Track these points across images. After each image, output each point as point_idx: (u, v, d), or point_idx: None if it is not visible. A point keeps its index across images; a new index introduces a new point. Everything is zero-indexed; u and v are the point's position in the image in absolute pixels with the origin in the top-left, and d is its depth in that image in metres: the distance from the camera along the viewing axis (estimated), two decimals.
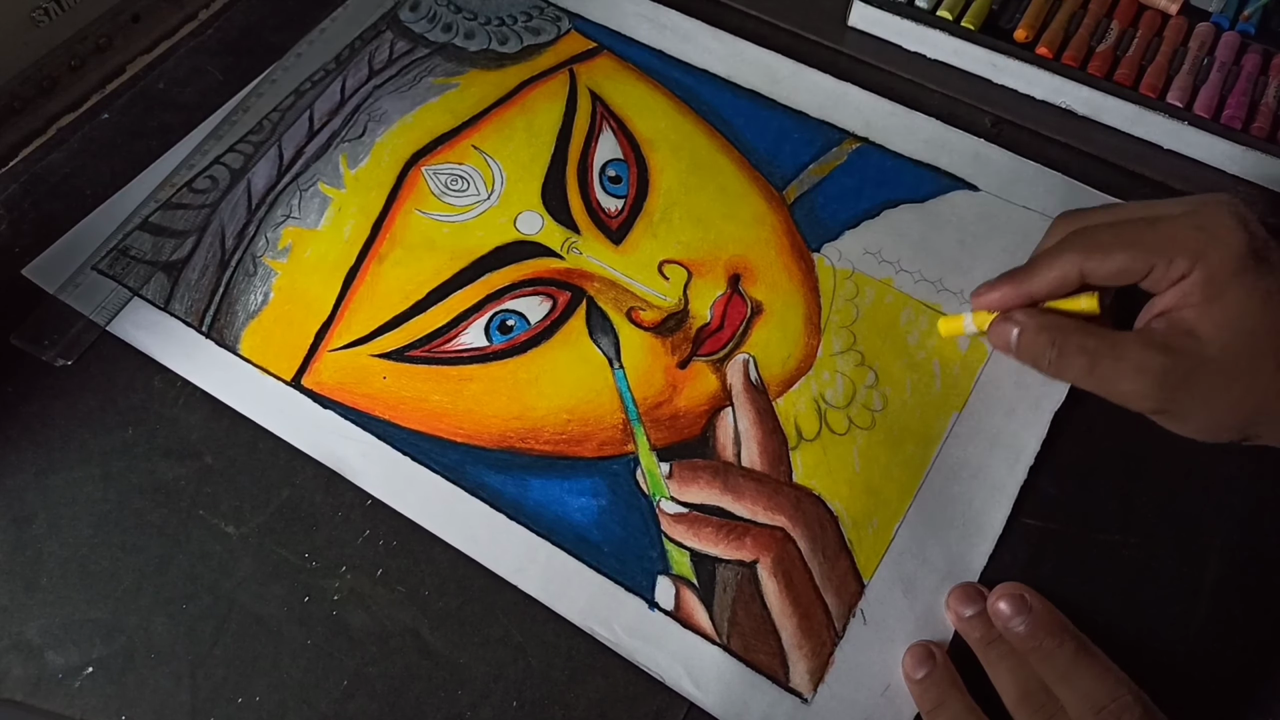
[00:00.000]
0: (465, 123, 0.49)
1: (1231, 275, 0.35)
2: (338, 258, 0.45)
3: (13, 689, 0.35)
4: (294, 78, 0.50)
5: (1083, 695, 0.33)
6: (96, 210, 0.46)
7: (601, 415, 0.41)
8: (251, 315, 0.43)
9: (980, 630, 0.36)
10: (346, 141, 0.48)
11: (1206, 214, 0.36)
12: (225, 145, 0.47)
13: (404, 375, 0.42)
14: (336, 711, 0.35)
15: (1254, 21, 0.51)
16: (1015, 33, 0.51)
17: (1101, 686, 0.33)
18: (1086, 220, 0.39)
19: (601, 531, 0.38)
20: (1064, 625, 0.35)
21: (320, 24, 0.52)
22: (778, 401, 0.42)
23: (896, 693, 0.36)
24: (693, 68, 0.52)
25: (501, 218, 0.46)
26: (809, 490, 0.39)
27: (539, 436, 0.41)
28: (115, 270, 0.44)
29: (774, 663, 0.36)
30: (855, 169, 0.48)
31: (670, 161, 0.48)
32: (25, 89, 0.48)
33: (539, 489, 0.39)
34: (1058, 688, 0.34)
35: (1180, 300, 0.36)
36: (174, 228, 0.45)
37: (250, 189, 0.47)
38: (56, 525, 0.38)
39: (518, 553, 0.38)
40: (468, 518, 0.39)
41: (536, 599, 0.37)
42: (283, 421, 0.41)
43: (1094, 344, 0.37)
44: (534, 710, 0.35)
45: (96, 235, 0.45)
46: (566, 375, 0.42)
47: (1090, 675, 0.33)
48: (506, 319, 0.43)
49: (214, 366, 0.42)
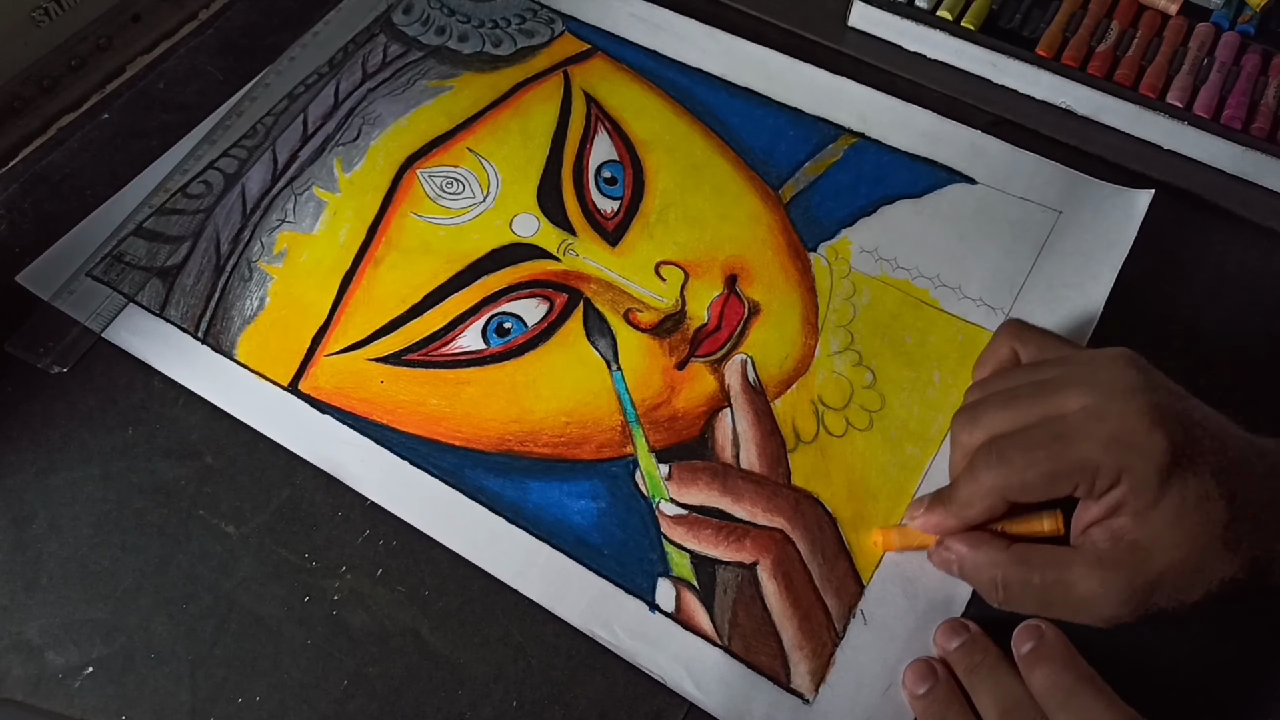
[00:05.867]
0: (460, 125, 0.49)
1: (1160, 486, 0.32)
2: (333, 262, 0.45)
3: (13, 689, 0.35)
4: (288, 81, 0.50)
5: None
6: (90, 216, 0.46)
7: (600, 417, 0.41)
8: (247, 320, 0.43)
9: (966, 655, 0.35)
10: (341, 145, 0.48)
11: (1115, 414, 0.33)
12: (219, 150, 0.47)
13: (401, 379, 0.42)
14: (336, 711, 0.35)
15: (1254, 22, 0.51)
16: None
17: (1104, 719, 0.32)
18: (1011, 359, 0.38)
19: (601, 534, 0.38)
20: (1075, 656, 0.34)
21: (313, 27, 0.52)
22: (775, 403, 0.42)
23: (898, 692, 0.36)
24: (687, 67, 0.51)
25: (497, 220, 0.46)
26: (808, 493, 0.39)
27: (537, 439, 0.41)
28: (110, 276, 0.44)
29: (775, 664, 0.36)
30: (851, 166, 0.48)
31: (666, 162, 0.48)
32: (25, 89, 0.48)
33: (538, 492, 0.39)
34: (1057, 716, 0.32)
35: (1113, 510, 0.33)
36: (169, 233, 0.45)
37: (245, 194, 0.46)
38: (56, 525, 0.38)
39: (518, 556, 0.38)
40: (467, 522, 0.39)
41: (537, 602, 0.37)
42: (280, 427, 0.40)
43: (1039, 580, 0.34)
44: (534, 710, 0.35)
45: (91, 241, 0.44)
46: (564, 378, 0.42)
47: (1094, 708, 0.32)
48: (504, 322, 0.43)
49: (211, 372, 0.42)
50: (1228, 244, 0.46)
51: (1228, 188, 0.47)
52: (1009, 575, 0.34)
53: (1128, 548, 0.33)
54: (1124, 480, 0.33)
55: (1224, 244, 0.46)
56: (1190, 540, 0.33)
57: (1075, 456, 0.33)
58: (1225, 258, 0.46)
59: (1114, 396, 0.34)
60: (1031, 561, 0.34)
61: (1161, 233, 0.46)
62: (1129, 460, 0.32)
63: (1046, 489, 0.34)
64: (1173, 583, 0.33)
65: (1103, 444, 0.33)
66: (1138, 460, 0.32)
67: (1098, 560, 0.33)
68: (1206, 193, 0.47)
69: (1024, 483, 0.34)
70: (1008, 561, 0.35)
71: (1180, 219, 0.47)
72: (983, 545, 0.35)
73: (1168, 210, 0.46)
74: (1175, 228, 0.46)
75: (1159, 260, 0.45)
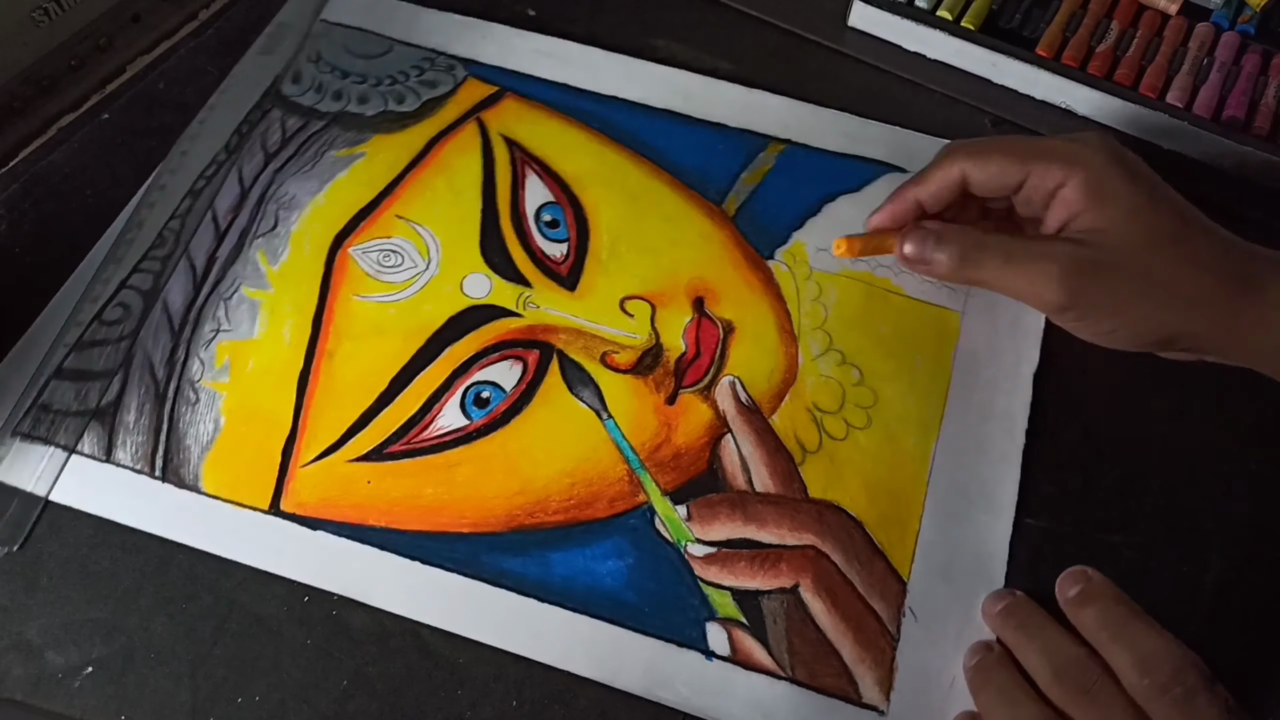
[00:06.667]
0: (382, 193, 0.47)
1: (1114, 178, 0.37)
2: (284, 365, 0.42)
3: (13, 689, 0.35)
4: (184, 178, 0.46)
5: (1140, 659, 0.32)
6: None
7: (604, 470, 0.40)
8: (206, 447, 0.40)
9: (1010, 619, 0.36)
10: (260, 236, 0.45)
11: (1080, 137, 0.39)
12: (128, 267, 0.43)
13: (388, 475, 0.39)
14: (336, 711, 0.35)
15: (1254, 22, 0.51)
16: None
17: (1163, 652, 0.32)
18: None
19: (637, 591, 0.37)
20: (1123, 594, 0.35)
21: (198, 115, 0.48)
22: (773, 418, 0.41)
23: (962, 684, 0.36)
24: (603, 97, 0.50)
25: (447, 286, 0.44)
26: (828, 503, 0.39)
27: (547, 508, 0.39)
28: (40, 431, 0.39)
29: (842, 682, 0.36)
30: (786, 170, 0.48)
31: (604, 196, 0.47)
32: (25, 89, 0.48)
33: (562, 563, 0.38)
34: (1110, 649, 0.33)
35: (1070, 210, 0.37)
36: (94, 369, 0.41)
37: (169, 309, 0.43)
38: (57, 525, 0.38)
39: (559, 636, 0.36)
40: (497, 611, 0.37)
41: (594, 680, 0.36)
42: (271, 554, 0.38)
43: (995, 242, 0.38)
44: (534, 710, 0.36)
45: (8, 395, 0.40)
46: (558, 437, 0.40)
47: (1150, 639, 0.33)
48: (481, 391, 0.41)
49: (179, 512, 0.38)
50: None
51: (1228, 188, 0.47)
52: (966, 240, 0.39)
53: (1084, 231, 0.37)
54: (1076, 174, 0.37)
55: None
56: (1142, 237, 0.37)
57: (1036, 145, 0.38)
58: None
59: (1083, 132, 0.39)
60: (989, 232, 0.39)
61: None
62: (1082, 154, 0.37)
63: (1002, 166, 0.38)
64: (1117, 277, 0.36)
65: (1062, 141, 0.38)
66: (1092, 155, 0.37)
67: (1052, 237, 0.38)
68: (1206, 193, 0.46)
69: (985, 159, 0.38)
70: (967, 231, 0.39)
71: None
72: (951, 226, 0.40)
73: None
74: None
75: None
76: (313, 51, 0.51)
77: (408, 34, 0.52)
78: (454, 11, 0.53)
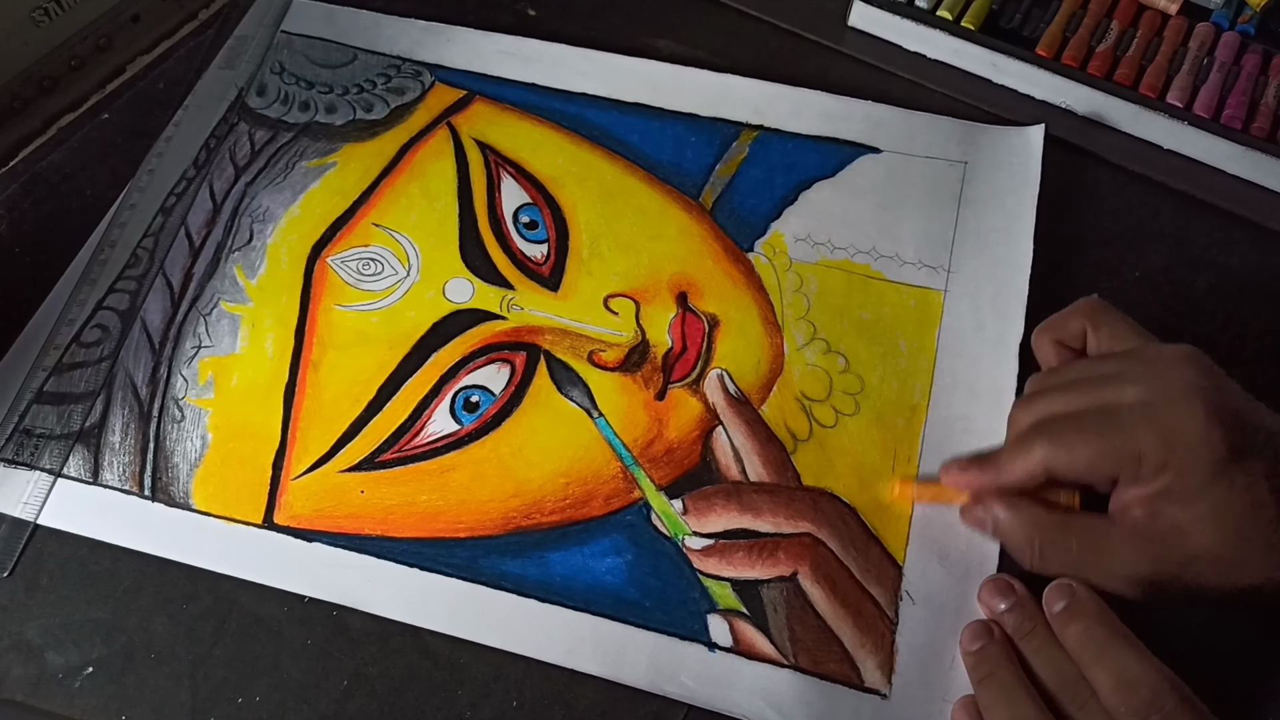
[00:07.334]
0: (357, 201, 0.46)
1: (1210, 478, 0.33)
2: (269, 378, 0.41)
3: (13, 689, 0.35)
4: (154, 196, 0.46)
5: (1120, 683, 0.32)
6: None
7: (598, 469, 0.40)
8: (195, 464, 0.39)
9: (1017, 621, 0.36)
10: (236, 250, 0.45)
11: (1171, 410, 0.34)
12: (104, 288, 0.43)
13: (382, 483, 0.39)
14: (336, 711, 0.35)
15: (1254, 22, 0.51)
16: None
17: (1142, 676, 0.32)
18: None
19: (637, 587, 0.37)
20: (1108, 612, 0.34)
21: (164, 132, 0.48)
22: (763, 409, 0.41)
23: (961, 665, 0.36)
24: (572, 94, 0.50)
25: (429, 292, 0.44)
26: (822, 490, 0.40)
27: (542, 508, 0.39)
28: (25, 456, 0.39)
29: (844, 667, 0.36)
30: (760, 159, 0.48)
31: (580, 194, 0.47)
32: (25, 89, 0.48)
33: (560, 562, 0.38)
34: (1091, 670, 0.33)
35: (1156, 493, 0.34)
36: (75, 391, 0.40)
37: (148, 328, 0.42)
38: (53, 532, 0.38)
39: (562, 635, 0.36)
40: (499, 614, 0.37)
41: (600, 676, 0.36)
42: (267, 569, 0.37)
43: (1076, 545, 0.35)
44: (534, 710, 0.36)
45: None
46: (550, 438, 0.40)
47: (1129, 662, 0.33)
48: (470, 396, 0.41)
49: (171, 531, 0.38)
50: (1229, 244, 0.47)
51: (1228, 188, 0.47)
52: (1047, 537, 0.35)
53: (1167, 526, 0.34)
54: (1171, 467, 0.33)
55: (1224, 244, 0.47)
56: (1231, 531, 0.33)
57: (1126, 440, 0.34)
58: (1226, 257, 0.46)
59: (1171, 392, 0.34)
60: (1070, 526, 0.35)
61: (1163, 232, 0.47)
62: (1179, 453, 0.33)
63: (1091, 468, 0.34)
64: (1207, 569, 0.34)
65: (1155, 434, 0.33)
66: (1188, 453, 0.33)
67: (1134, 532, 0.34)
68: (1206, 193, 0.47)
69: (1072, 459, 0.34)
70: (1047, 524, 0.35)
71: (1181, 218, 0.47)
72: (1021, 507, 0.36)
73: (1169, 210, 0.47)
74: (1176, 227, 0.47)
75: (1161, 260, 0.46)
76: (275, 63, 0.51)
77: (371, 42, 0.52)
78: (453, 15, 0.53)
